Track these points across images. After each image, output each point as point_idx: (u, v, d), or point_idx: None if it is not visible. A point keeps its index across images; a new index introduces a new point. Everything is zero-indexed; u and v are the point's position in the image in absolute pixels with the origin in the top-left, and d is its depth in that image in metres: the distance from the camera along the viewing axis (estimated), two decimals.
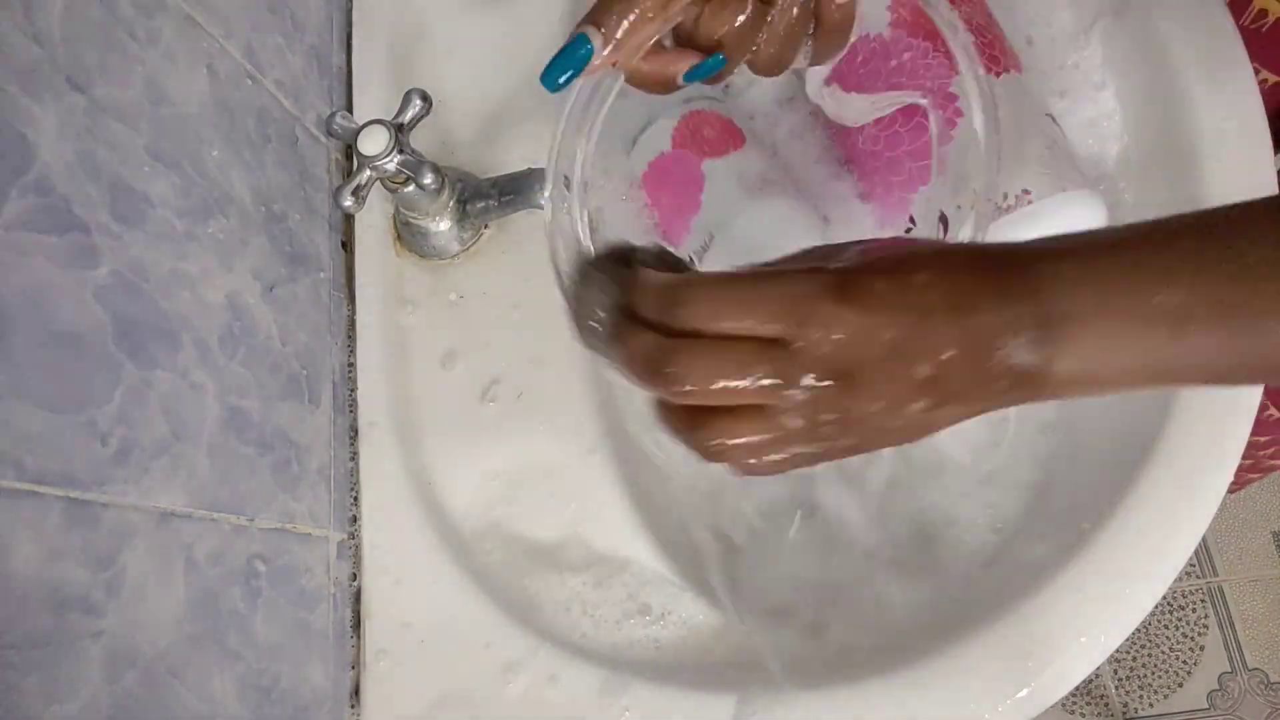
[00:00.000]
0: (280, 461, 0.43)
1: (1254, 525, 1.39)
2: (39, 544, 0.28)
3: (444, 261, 0.52)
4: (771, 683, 0.45)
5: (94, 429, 0.31)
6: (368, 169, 0.45)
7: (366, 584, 0.48)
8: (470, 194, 0.50)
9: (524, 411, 0.50)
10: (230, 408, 0.39)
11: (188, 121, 0.39)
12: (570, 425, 0.50)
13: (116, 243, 0.34)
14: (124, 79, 0.35)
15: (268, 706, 0.40)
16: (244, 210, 0.43)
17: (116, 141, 0.34)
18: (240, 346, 0.41)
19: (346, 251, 0.53)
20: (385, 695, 0.46)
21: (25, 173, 0.29)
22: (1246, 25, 0.56)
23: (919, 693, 0.43)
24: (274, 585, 0.41)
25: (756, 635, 0.48)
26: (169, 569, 0.34)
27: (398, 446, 0.49)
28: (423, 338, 0.52)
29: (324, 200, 0.51)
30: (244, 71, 0.44)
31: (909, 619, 0.50)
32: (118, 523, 0.32)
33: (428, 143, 0.53)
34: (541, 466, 0.50)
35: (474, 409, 0.50)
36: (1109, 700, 1.31)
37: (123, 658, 0.32)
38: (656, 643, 0.47)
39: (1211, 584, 1.37)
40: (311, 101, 0.51)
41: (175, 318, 0.37)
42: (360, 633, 0.47)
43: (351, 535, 0.48)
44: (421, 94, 0.46)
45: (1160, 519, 0.45)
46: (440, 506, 0.49)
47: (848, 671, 0.44)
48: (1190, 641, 1.34)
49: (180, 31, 0.39)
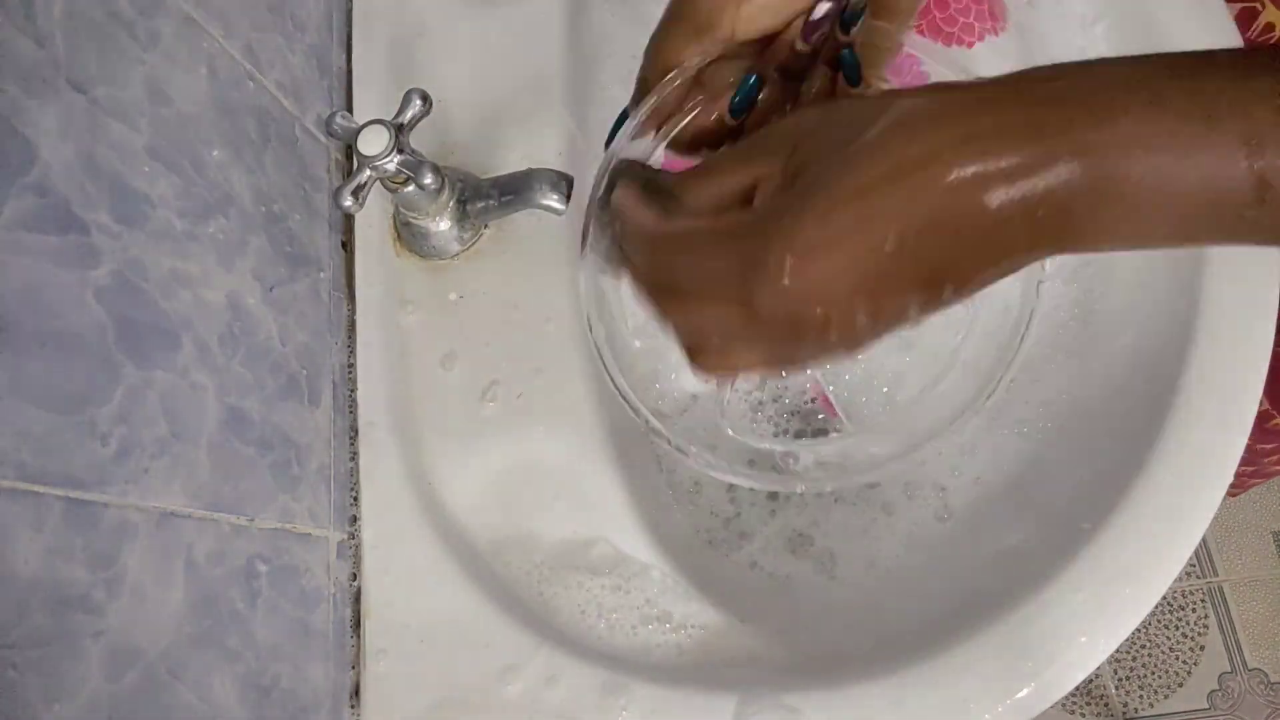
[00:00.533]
0: (280, 461, 0.43)
1: (1254, 525, 1.39)
2: (39, 544, 0.28)
3: (444, 261, 0.52)
4: (771, 683, 0.45)
5: (94, 429, 0.31)
6: (368, 169, 0.45)
7: (366, 584, 0.48)
8: (470, 194, 0.50)
9: (524, 411, 0.50)
10: (230, 408, 0.40)
11: (188, 121, 0.39)
12: (570, 425, 0.50)
13: (116, 243, 0.34)
14: (124, 79, 0.35)
15: (267, 706, 0.40)
16: (244, 210, 0.43)
17: (116, 141, 0.34)
18: (240, 346, 0.41)
19: (346, 251, 0.53)
20: (385, 695, 0.46)
21: (25, 173, 0.29)
22: (1253, 39, 0.56)
23: (918, 693, 0.43)
24: (274, 585, 0.41)
25: (755, 635, 0.48)
26: (169, 569, 0.34)
27: (398, 446, 0.49)
28: (423, 338, 0.52)
29: (324, 200, 0.51)
30: (244, 71, 0.44)
31: (908, 619, 0.50)
32: (118, 523, 0.32)
33: (428, 143, 0.53)
34: (541, 466, 0.50)
35: (474, 409, 0.50)
36: (1109, 700, 1.31)
37: (123, 658, 0.32)
38: (657, 643, 0.47)
39: (1211, 584, 1.37)
40: (311, 101, 0.51)
41: (175, 318, 0.37)
42: (360, 633, 0.47)
43: (351, 535, 0.48)
44: (421, 94, 0.46)
45: (1160, 519, 0.45)
46: (440, 506, 0.49)
47: (847, 672, 0.44)
48: (1190, 641, 1.34)
49: (180, 31, 0.39)
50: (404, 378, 0.51)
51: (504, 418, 0.50)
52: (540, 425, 0.50)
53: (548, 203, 0.46)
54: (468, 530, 0.49)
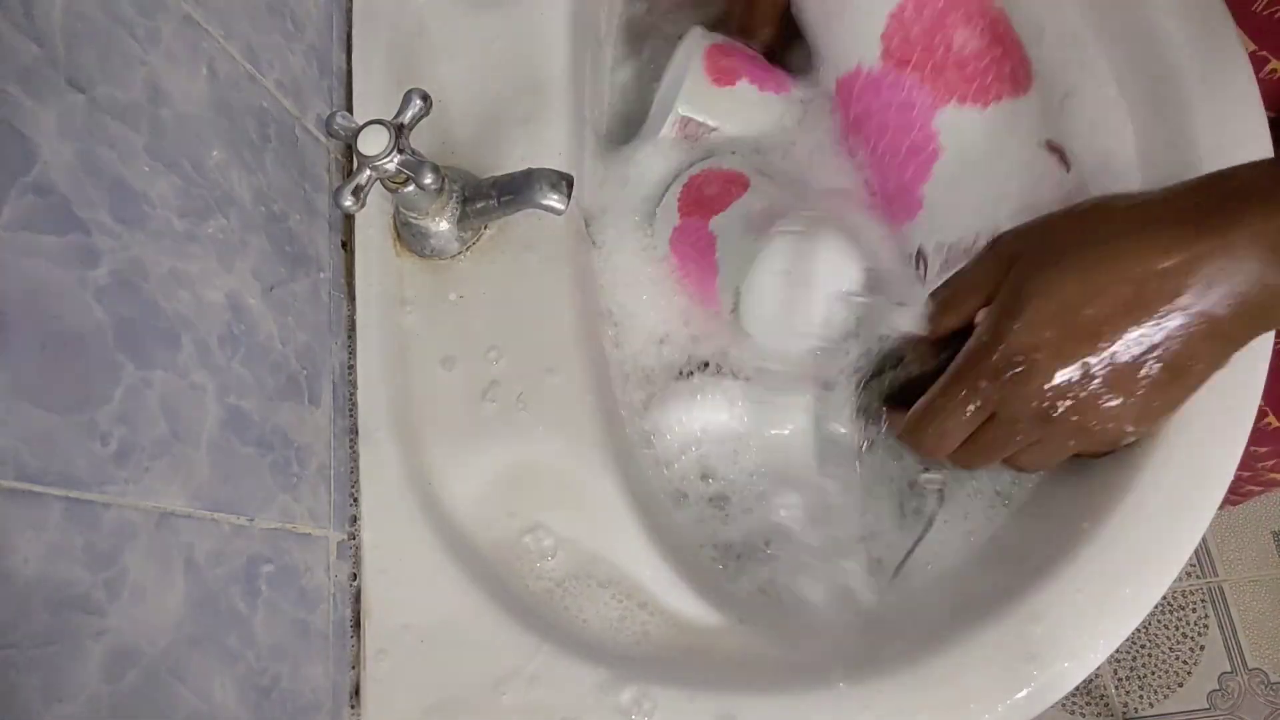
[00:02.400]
0: (280, 461, 0.43)
1: (1254, 525, 1.40)
2: (39, 544, 0.28)
3: (444, 261, 0.52)
4: (770, 683, 0.45)
5: (94, 429, 0.31)
6: (368, 169, 0.45)
7: (366, 584, 0.48)
8: (470, 194, 0.50)
9: (524, 412, 0.50)
10: (230, 408, 0.40)
11: (188, 121, 0.39)
12: (570, 425, 0.50)
13: (116, 243, 0.34)
14: (124, 79, 0.35)
15: (268, 706, 0.40)
16: (244, 210, 0.43)
17: (116, 141, 0.34)
18: (240, 346, 0.41)
19: (346, 251, 0.53)
20: (385, 695, 0.46)
21: (25, 173, 0.29)
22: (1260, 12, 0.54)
23: (918, 693, 0.43)
24: (274, 585, 0.41)
25: (755, 635, 0.48)
26: (169, 569, 0.34)
27: (398, 446, 0.49)
28: (423, 338, 0.52)
29: (324, 200, 0.51)
30: (244, 71, 0.44)
31: (908, 618, 0.50)
32: (118, 523, 0.32)
33: (428, 143, 0.53)
34: (541, 466, 0.50)
35: (474, 409, 0.50)
36: (1109, 700, 1.31)
37: (123, 658, 0.32)
38: (657, 643, 0.47)
39: (1211, 584, 1.37)
40: (311, 101, 0.51)
41: (175, 318, 0.37)
42: (360, 633, 0.47)
43: (351, 535, 0.48)
44: (421, 94, 0.46)
45: (1160, 519, 0.45)
46: (440, 506, 0.49)
47: (846, 672, 0.44)
48: (1190, 641, 1.34)
49: (180, 31, 0.39)
50: (404, 378, 0.51)
51: (504, 418, 0.50)
52: (540, 425, 0.50)
53: (548, 203, 0.46)
54: (468, 530, 0.49)
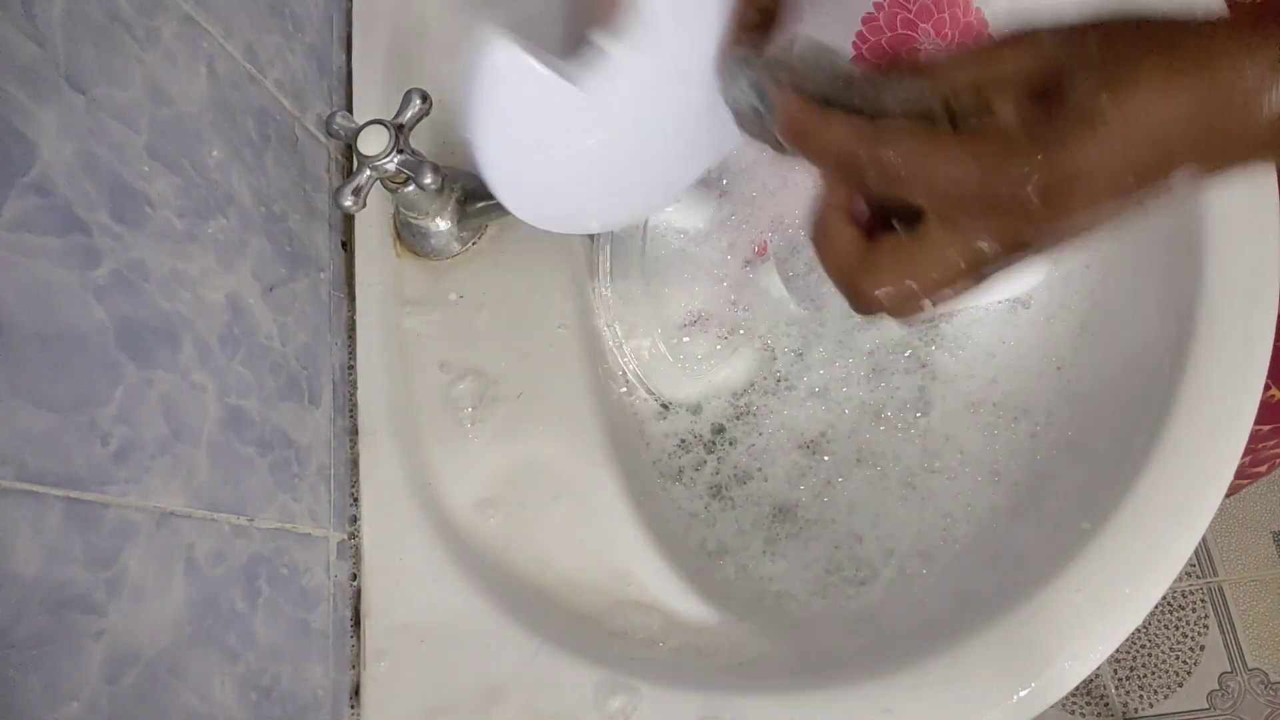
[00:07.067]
0: (280, 461, 0.43)
1: (1254, 525, 1.39)
2: (39, 544, 0.28)
3: (444, 261, 0.52)
4: (770, 683, 0.45)
5: (94, 429, 0.31)
6: (368, 169, 0.45)
7: (366, 584, 0.48)
8: (470, 194, 0.50)
9: (524, 411, 0.50)
10: (230, 408, 0.40)
11: (188, 121, 0.39)
12: (570, 424, 0.50)
13: (116, 243, 0.34)
14: (124, 79, 0.35)
15: (268, 706, 0.40)
16: (244, 210, 0.43)
17: (116, 141, 0.34)
18: (240, 346, 0.41)
19: (346, 251, 0.53)
20: (385, 695, 0.46)
21: (25, 173, 0.29)
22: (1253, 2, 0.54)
23: (918, 693, 0.43)
24: (274, 585, 0.41)
25: (754, 635, 0.48)
26: (169, 569, 0.34)
27: (398, 446, 0.49)
28: (423, 338, 0.52)
29: (324, 200, 0.51)
30: (244, 71, 0.44)
31: (906, 619, 0.50)
32: (118, 523, 0.32)
33: (428, 143, 0.53)
34: (541, 465, 0.50)
35: (474, 409, 0.50)
36: (1109, 700, 1.31)
37: (123, 658, 0.32)
38: (657, 643, 0.47)
39: (1211, 584, 1.37)
40: (311, 101, 0.51)
41: (175, 318, 0.37)
42: (360, 633, 0.47)
43: (351, 535, 0.48)
44: (421, 94, 0.46)
45: (1160, 519, 0.45)
46: (440, 506, 0.49)
47: (845, 672, 0.44)
48: (1190, 641, 1.34)
49: (180, 31, 0.39)
50: (404, 378, 0.51)
51: (504, 418, 0.50)
52: (540, 425, 0.50)
53: None
54: (467, 530, 0.49)
